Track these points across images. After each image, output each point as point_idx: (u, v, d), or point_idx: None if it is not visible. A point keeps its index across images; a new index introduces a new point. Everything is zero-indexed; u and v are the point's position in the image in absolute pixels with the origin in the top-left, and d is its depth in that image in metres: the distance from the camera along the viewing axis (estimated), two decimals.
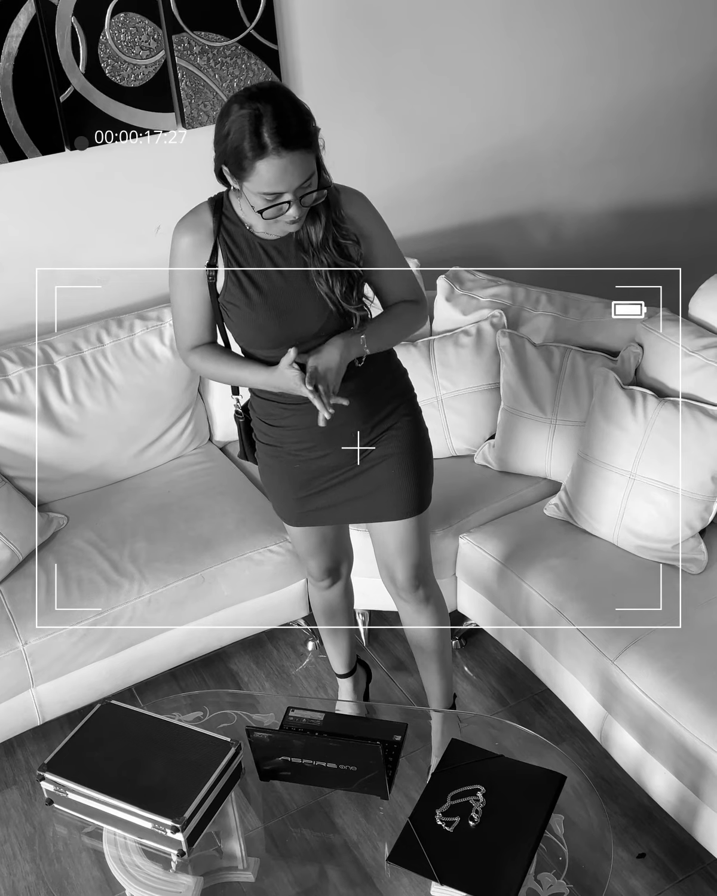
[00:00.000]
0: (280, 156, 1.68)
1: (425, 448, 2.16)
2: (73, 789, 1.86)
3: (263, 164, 1.69)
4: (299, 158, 1.70)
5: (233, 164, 1.73)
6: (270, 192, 1.73)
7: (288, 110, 1.70)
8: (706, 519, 2.42)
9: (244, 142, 1.69)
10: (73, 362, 2.71)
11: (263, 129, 1.67)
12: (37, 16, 2.43)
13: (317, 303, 1.90)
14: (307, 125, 1.72)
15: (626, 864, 2.25)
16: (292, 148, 1.69)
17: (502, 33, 3.09)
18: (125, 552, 2.57)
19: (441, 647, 2.32)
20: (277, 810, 2.03)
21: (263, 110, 1.68)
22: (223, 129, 1.73)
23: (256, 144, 1.68)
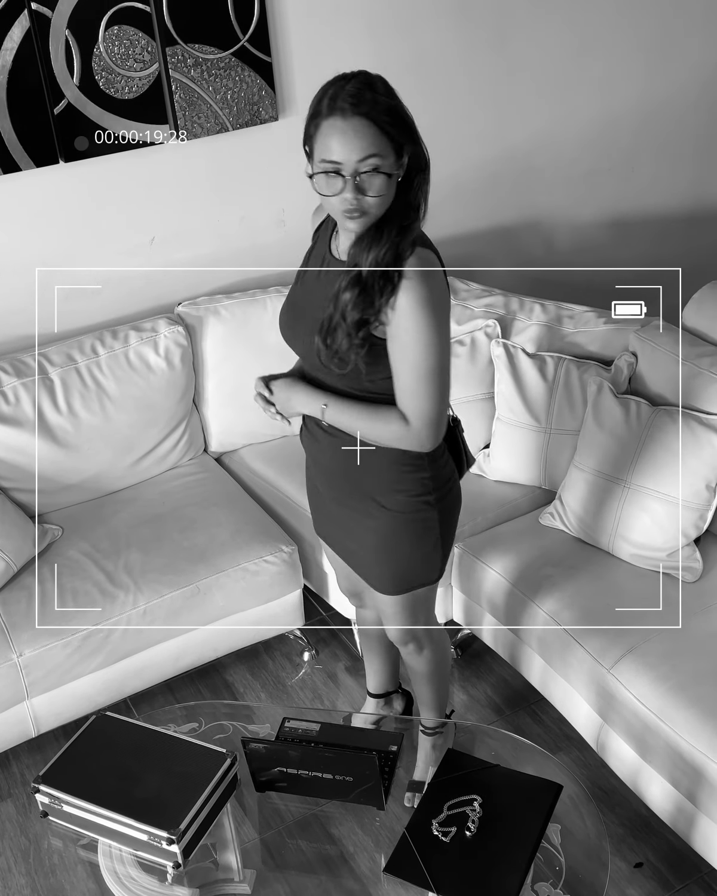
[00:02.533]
0: (344, 117, 1.63)
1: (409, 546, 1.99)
2: (68, 801, 1.86)
3: (327, 123, 1.65)
4: (363, 127, 1.63)
5: (307, 131, 1.69)
6: (328, 159, 1.65)
7: (377, 86, 1.68)
8: (701, 527, 2.43)
9: (321, 103, 1.66)
10: (68, 373, 2.71)
11: (340, 92, 1.65)
12: (31, 28, 2.44)
13: (311, 330, 1.81)
14: (388, 104, 1.66)
15: (623, 874, 2.24)
16: (358, 113, 1.63)
17: (495, 45, 3.11)
18: (120, 563, 2.57)
19: (433, 679, 2.28)
20: (273, 821, 2.02)
21: (348, 80, 1.68)
22: (310, 108, 1.70)
23: (329, 104, 1.65)
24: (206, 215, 2.93)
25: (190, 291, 2.99)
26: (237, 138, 2.84)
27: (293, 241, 3.07)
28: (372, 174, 1.66)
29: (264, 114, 2.81)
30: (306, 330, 1.85)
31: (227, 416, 2.98)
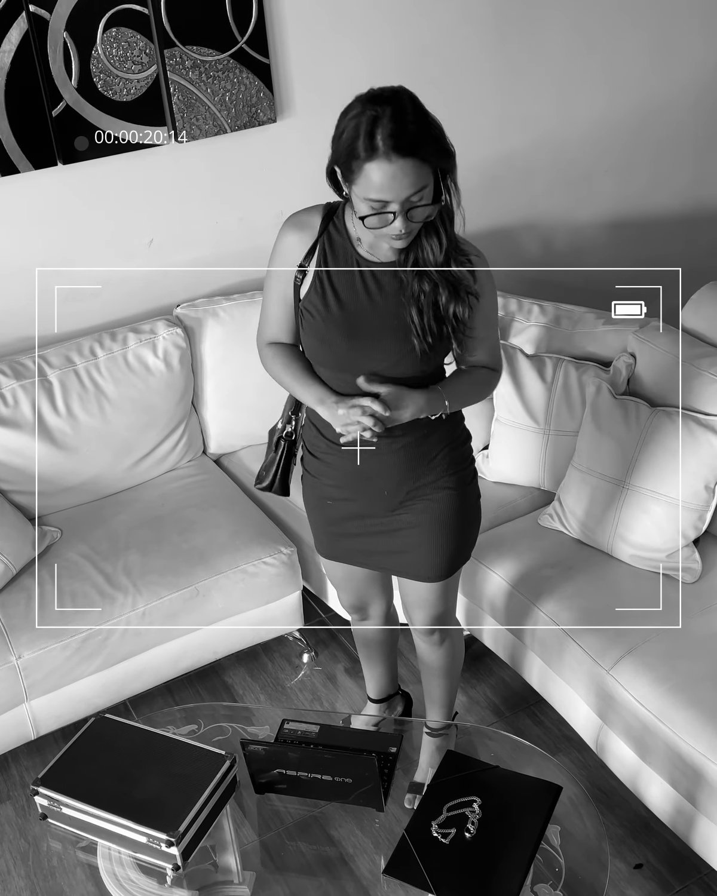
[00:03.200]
0: (391, 160, 1.60)
1: (463, 520, 2.07)
2: (67, 804, 1.85)
3: (372, 166, 1.61)
4: (411, 167, 1.61)
5: (344, 165, 1.66)
6: (376, 198, 1.64)
7: (409, 116, 1.62)
8: (700, 528, 2.43)
9: (357, 141, 1.62)
10: (67, 375, 2.71)
11: (378, 130, 1.60)
12: (29, 31, 2.44)
13: (397, 337, 1.82)
14: (427, 134, 1.63)
15: (623, 875, 2.24)
16: (404, 154, 1.60)
17: (495, 47, 3.11)
18: (119, 565, 2.56)
19: (449, 674, 2.31)
20: (272, 823, 2.02)
21: (381, 112, 1.61)
22: (340, 128, 1.67)
23: (368, 146, 1.60)
24: (204, 217, 2.93)
25: (189, 293, 2.99)
26: (235, 140, 2.84)
27: None
28: (422, 205, 1.67)
29: (263, 115, 2.81)
30: (373, 342, 1.83)
31: (226, 418, 2.98)
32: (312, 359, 1.94)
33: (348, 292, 1.84)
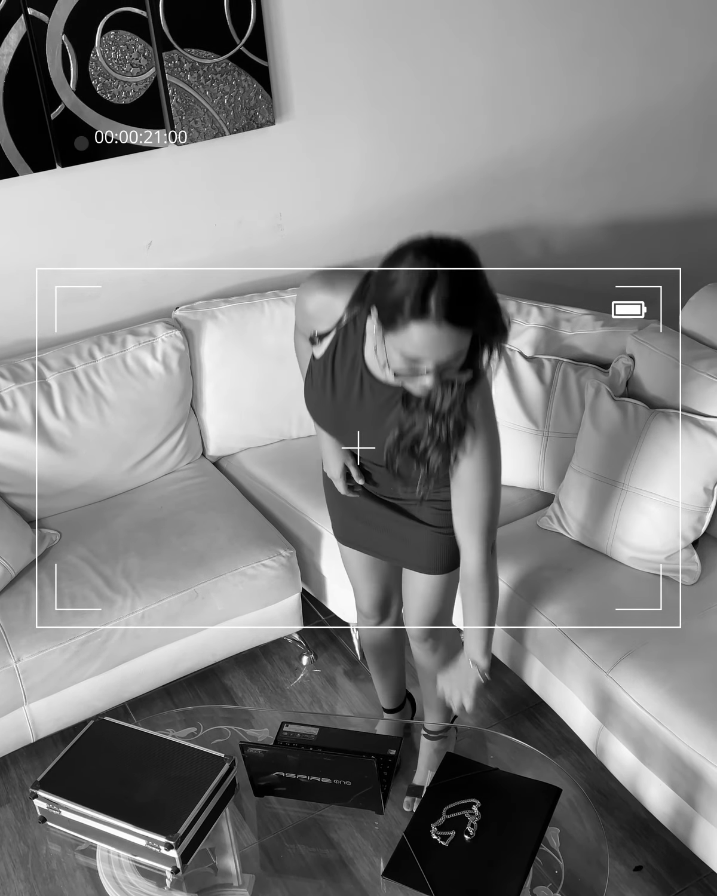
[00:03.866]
0: (439, 326, 1.53)
1: None
2: (66, 807, 1.85)
3: (417, 327, 1.53)
4: (458, 335, 1.55)
5: (386, 313, 1.57)
6: (412, 356, 1.58)
7: (466, 282, 1.54)
8: (699, 530, 2.43)
9: (407, 299, 1.52)
10: (66, 378, 2.71)
11: (433, 293, 1.51)
12: (27, 34, 2.44)
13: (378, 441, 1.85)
14: (482, 308, 1.57)
15: (623, 877, 2.24)
16: (453, 323, 1.53)
17: (492, 49, 3.11)
18: (118, 568, 2.56)
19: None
20: (272, 826, 2.02)
21: (440, 273, 1.52)
22: (391, 275, 1.57)
23: (419, 307, 1.52)
24: (203, 220, 2.93)
25: (187, 296, 2.99)
26: (234, 143, 2.85)
27: (291, 245, 3.09)
28: (455, 364, 1.62)
29: (261, 118, 2.82)
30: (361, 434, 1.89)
31: (225, 420, 2.98)
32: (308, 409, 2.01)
33: (344, 391, 1.86)
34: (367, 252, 3.21)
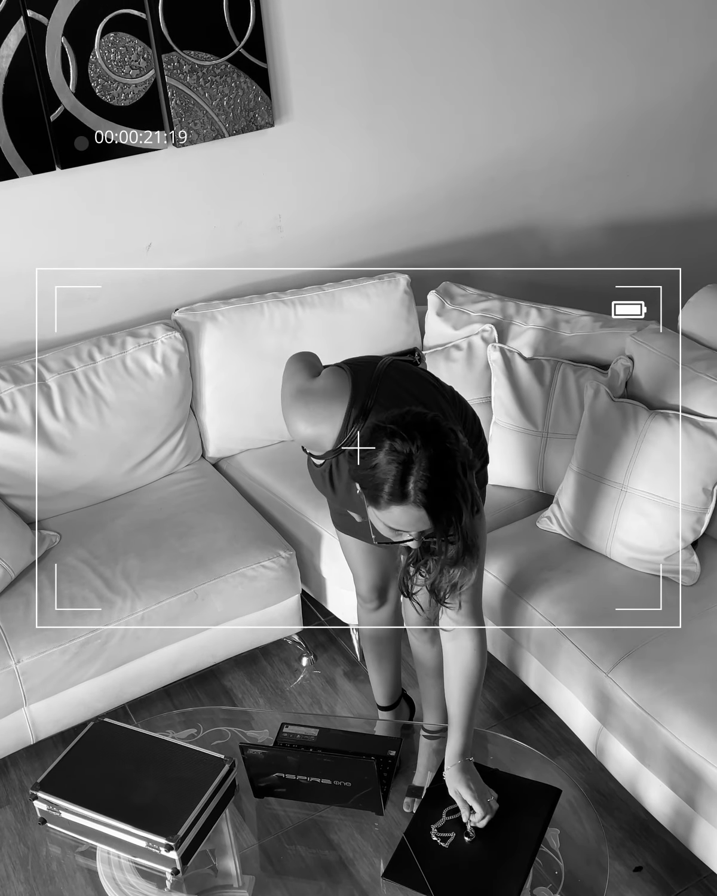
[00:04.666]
0: (418, 508, 1.60)
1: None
2: (66, 808, 1.85)
3: (398, 509, 1.61)
4: (431, 520, 1.63)
5: (369, 493, 1.65)
6: (395, 528, 1.67)
7: (440, 463, 1.60)
8: (699, 530, 2.43)
9: (386, 485, 1.60)
10: (65, 380, 2.71)
11: (410, 478, 1.58)
12: (27, 36, 2.44)
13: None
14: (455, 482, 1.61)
15: (623, 878, 2.24)
16: (427, 509, 1.60)
17: (490, 51, 3.12)
18: (118, 569, 2.56)
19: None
20: (272, 827, 2.02)
21: (416, 458, 1.59)
22: (372, 459, 1.62)
23: (398, 492, 1.59)
24: (202, 221, 2.94)
25: (187, 297, 3.00)
26: (233, 144, 2.85)
27: (290, 247, 3.09)
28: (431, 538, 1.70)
29: (260, 120, 2.82)
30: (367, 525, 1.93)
31: (224, 422, 2.99)
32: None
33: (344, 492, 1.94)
34: (366, 253, 3.22)
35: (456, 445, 1.64)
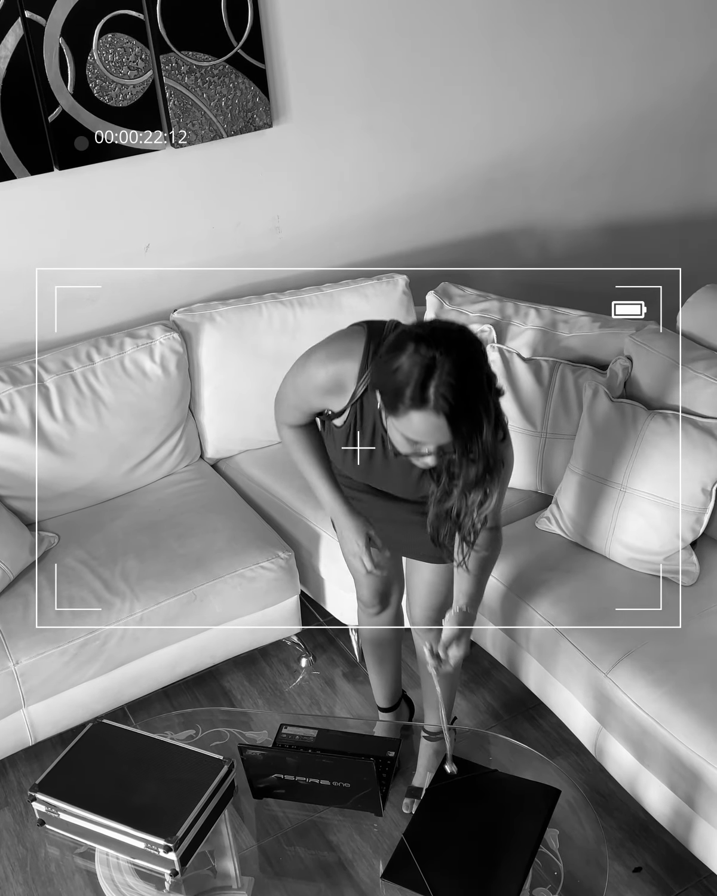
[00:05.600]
0: (438, 415, 1.56)
1: None
2: (64, 809, 1.85)
3: (417, 415, 1.57)
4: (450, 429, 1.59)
5: (387, 398, 1.62)
6: (413, 440, 1.63)
7: (465, 371, 1.55)
8: (698, 531, 2.43)
9: (407, 388, 1.55)
10: (64, 381, 2.71)
11: (432, 382, 1.54)
12: (25, 37, 2.44)
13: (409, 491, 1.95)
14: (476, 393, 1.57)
15: (622, 879, 2.24)
16: (447, 416, 1.56)
17: (489, 51, 3.12)
18: (116, 570, 2.56)
19: (448, 677, 2.29)
20: (271, 828, 2.01)
21: (439, 363, 1.54)
22: (393, 363, 1.58)
23: (418, 396, 1.55)
24: (200, 222, 2.94)
25: (185, 298, 3.00)
26: (232, 145, 2.85)
27: (288, 248, 3.09)
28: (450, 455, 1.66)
29: (259, 120, 2.82)
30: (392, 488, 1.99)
31: (223, 423, 2.98)
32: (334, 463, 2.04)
33: (368, 454, 1.91)
34: (364, 254, 3.22)
35: (483, 357, 1.60)
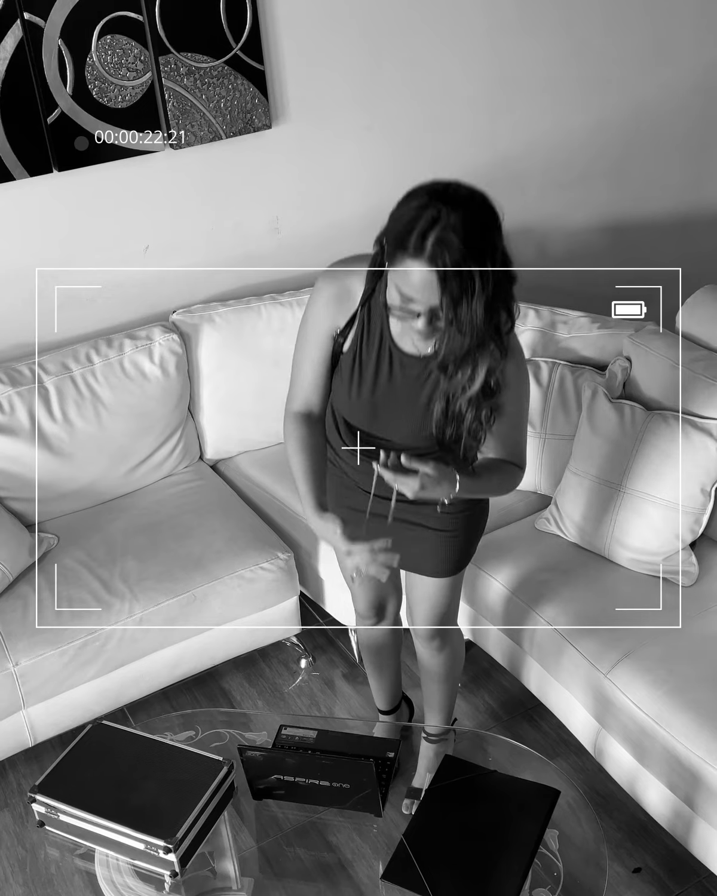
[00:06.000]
0: (429, 265, 1.55)
1: (469, 528, 2.08)
2: (64, 811, 1.85)
3: (413, 263, 1.56)
4: (440, 284, 1.56)
5: (391, 247, 1.61)
6: (407, 294, 1.60)
7: (469, 231, 1.54)
8: (697, 531, 2.43)
9: (408, 236, 1.55)
10: (63, 382, 2.71)
11: (432, 233, 1.53)
12: (24, 38, 2.44)
13: (415, 421, 1.85)
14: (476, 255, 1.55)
15: (622, 879, 2.24)
16: (437, 267, 1.54)
17: (487, 51, 3.12)
18: (116, 571, 2.56)
19: (449, 679, 2.31)
20: (270, 829, 2.01)
21: (444, 215, 1.54)
22: (402, 210, 1.60)
23: (417, 245, 1.54)
24: (199, 224, 2.94)
25: (184, 299, 3.00)
26: (231, 146, 2.85)
27: (287, 248, 3.09)
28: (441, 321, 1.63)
29: (258, 122, 2.82)
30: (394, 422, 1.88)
31: (222, 424, 2.99)
32: (336, 408, 1.95)
33: (372, 376, 1.85)
34: None
35: (493, 225, 1.59)
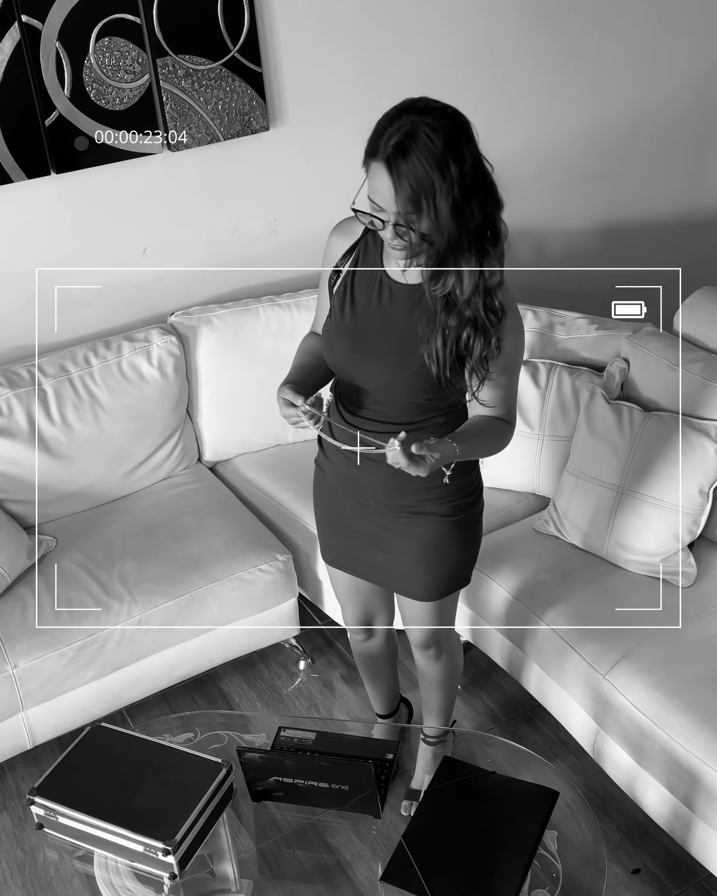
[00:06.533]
0: (387, 168, 1.58)
1: (454, 548, 2.03)
2: (63, 813, 1.85)
3: (374, 166, 1.61)
4: (397, 188, 1.58)
5: (365, 154, 1.64)
6: (372, 200, 1.64)
7: (428, 133, 1.57)
8: (695, 532, 2.43)
9: (375, 140, 1.60)
10: (61, 384, 2.71)
11: (386, 133, 1.58)
12: (21, 41, 2.44)
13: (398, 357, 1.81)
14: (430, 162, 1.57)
15: (621, 880, 2.24)
16: (391, 172, 1.57)
17: (486, 54, 3.12)
18: (114, 573, 2.56)
19: (446, 685, 2.30)
20: (269, 831, 2.01)
21: (406, 122, 1.57)
22: (377, 123, 1.64)
23: (374, 144, 1.60)
24: (197, 225, 2.94)
25: (182, 301, 3.00)
26: (228, 148, 2.85)
27: (286, 251, 3.09)
28: (413, 230, 1.63)
29: (255, 124, 2.82)
30: (375, 355, 1.84)
31: (221, 426, 2.99)
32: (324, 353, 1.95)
33: (364, 304, 1.85)
34: None
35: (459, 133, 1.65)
